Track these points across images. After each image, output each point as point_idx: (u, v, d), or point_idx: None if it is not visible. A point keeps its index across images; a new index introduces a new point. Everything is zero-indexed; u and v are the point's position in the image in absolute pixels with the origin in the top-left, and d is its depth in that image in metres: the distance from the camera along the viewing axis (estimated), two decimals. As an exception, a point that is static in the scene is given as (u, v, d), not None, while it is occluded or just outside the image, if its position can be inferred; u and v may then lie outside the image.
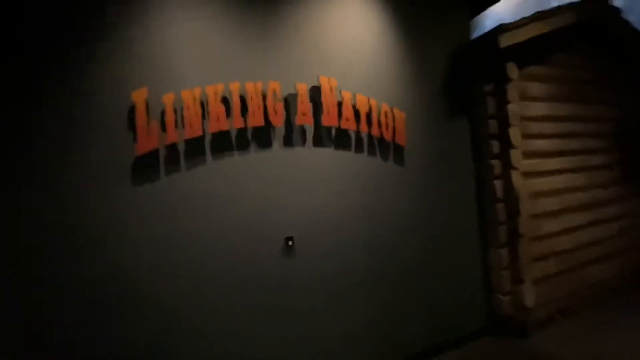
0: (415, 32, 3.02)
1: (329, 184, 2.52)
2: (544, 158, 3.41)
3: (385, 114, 2.74)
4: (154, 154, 2.03)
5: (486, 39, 2.95)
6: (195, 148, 2.14)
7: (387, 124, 2.74)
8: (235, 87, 2.22)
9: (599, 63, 3.89)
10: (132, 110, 1.98)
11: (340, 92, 2.56)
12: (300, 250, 2.36)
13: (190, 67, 2.16)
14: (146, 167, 2.02)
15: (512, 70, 3.09)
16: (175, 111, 2.08)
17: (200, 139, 2.16)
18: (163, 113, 2.05)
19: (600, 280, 3.70)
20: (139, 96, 1.98)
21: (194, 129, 2.10)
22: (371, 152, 2.71)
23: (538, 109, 3.40)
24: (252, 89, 2.26)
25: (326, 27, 2.63)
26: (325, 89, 2.49)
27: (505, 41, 2.86)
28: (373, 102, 2.69)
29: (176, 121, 2.08)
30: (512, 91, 3.10)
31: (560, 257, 3.41)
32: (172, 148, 2.08)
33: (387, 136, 2.74)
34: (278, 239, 2.31)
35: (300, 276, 2.35)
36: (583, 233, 3.63)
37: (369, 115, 2.67)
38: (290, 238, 2.32)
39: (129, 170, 1.98)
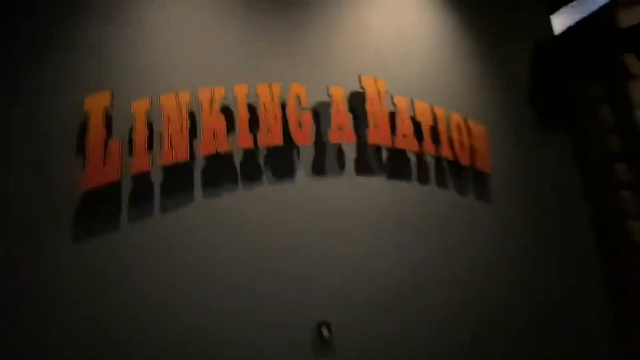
0: (486, 26, 2.30)
1: (382, 231, 1.65)
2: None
3: (458, 127, 1.90)
4: (112, 189, 1.32)
5: (595, 20, 2.10)
6: (178, 179, 1.42)
7: (461, 142, 1.88)
8: (241, 91, 1.53)
9: None
10: (84, 124, 1.32)
11: (392, 98, 1.79)
12: (342, 344, 1.45)
13: (176, 63, 1.51)
14: (99, 209, 1.30)
15: (635, 63, 2.17)
16: (149, 126, 1.39)
17: (187, 165, 1.43)
18: (132, 129, 1.37)
19: None
20: (96, 103, 1.33)
21: (177, 151, 1.39)
22: (441, 182, 1.85)
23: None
24: (266, 93, 1.55)
25: (371, 18, 1.96)
26: (371, 93, 1.74)
27: (628, 19, 1.99)
28: (439, 112, 1.88)
29: (151, 140, 1.39)
30: (638, 92, 2.16)
31: None
32: (141, 180, 1.37)
33: (464, 159, 1.87)
34: (305, 326, 1.42)
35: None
36: None
37: (434, 130, 1.85)
38: (326, 324, 1.42)
39: (70, 213, 1.26)
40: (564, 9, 2.91)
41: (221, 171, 1.48)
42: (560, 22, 2.85)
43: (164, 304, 1.30)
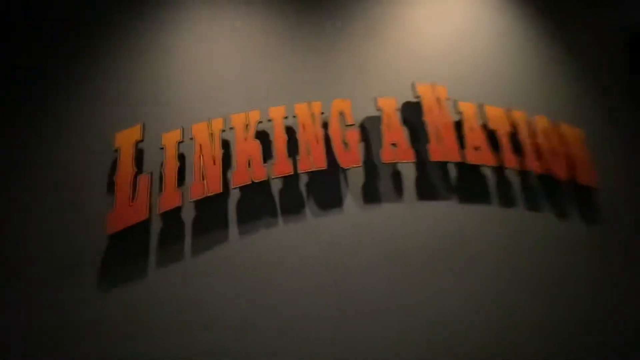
0: (566, 11, 1.92)
1: (455, 269, 1.30)
2: None
3: (546, 133, 1.52)
4: (141, 229, 1.19)
5: None
6: (211, 215, 1.25)
7: (553, 151, 1.49)
8: (278, 113, 1.36)
9: None
10: (115, 162, 1.24)
11: (455, 104, 1.48)
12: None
13: (208, 90, 1.41)
14: (126, 253, 1.18)
15: None
16: (181, 157, 1.27)
17: (221, 199, 1.27)
18: (162, 162, 1.26)
19: None
20: (126, 139, 1.25)
21: (209, 184, 1.24)
22: (531, 201, 1.45)
23: None
24: (305, 113, 1.37)
25: (421, 18, 1.72)
26: (428, 102, 1.46)
27: None
28: (518, 116, 1.52)
29: (182, 173, 1.26)
30: None
31: None
32: (171, 217, 1.23)
33: (560, 171, 1.46)
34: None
35: None
36: None
37: (514, 138, 1.49)
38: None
39: (96, 258, 1.16)
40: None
41: (258, 203, 1.29)
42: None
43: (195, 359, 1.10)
